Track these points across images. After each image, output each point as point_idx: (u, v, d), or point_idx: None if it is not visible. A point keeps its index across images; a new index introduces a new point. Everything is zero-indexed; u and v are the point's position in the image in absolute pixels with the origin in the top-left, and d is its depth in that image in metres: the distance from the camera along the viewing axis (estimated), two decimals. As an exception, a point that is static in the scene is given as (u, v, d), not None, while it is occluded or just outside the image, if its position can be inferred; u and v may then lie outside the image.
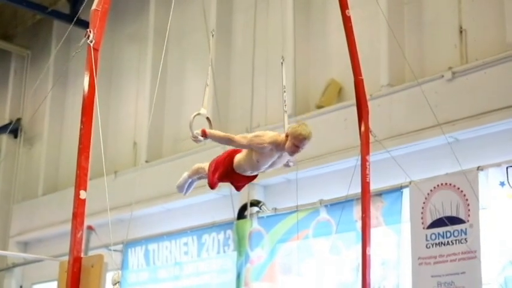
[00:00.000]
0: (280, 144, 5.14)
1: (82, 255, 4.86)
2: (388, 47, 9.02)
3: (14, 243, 14.27)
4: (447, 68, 8.41)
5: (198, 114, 5.37)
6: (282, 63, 6.09)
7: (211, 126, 5.44)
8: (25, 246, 14.28)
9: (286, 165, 5.57)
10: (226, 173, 5.43)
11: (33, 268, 13.66)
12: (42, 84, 14.15)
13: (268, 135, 5.17)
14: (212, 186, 5.53)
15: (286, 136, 5.12)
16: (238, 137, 5.23)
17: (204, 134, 5.18)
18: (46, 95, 13.45)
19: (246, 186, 5.94)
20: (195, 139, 5.21)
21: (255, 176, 5.61)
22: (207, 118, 5.48)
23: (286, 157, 5.34)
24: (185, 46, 12.30)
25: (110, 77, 13.38)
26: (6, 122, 15.04)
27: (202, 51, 11.38)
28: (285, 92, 5.98)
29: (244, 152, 5.35)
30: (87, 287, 4.69)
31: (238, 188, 5.79)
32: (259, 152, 5.20)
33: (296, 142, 5.07)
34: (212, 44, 5.52)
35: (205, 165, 5.60)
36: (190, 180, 5.79)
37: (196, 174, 5.74)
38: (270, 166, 5.38)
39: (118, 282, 4.62)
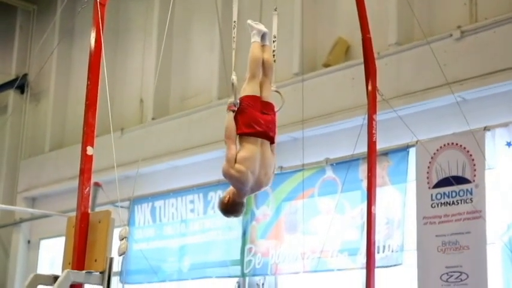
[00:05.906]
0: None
1: (89, 211, 4.91)
2: (397, 4, 8.92)
3: (22, 198, 14.35)
4: (456, 27, 8.33)
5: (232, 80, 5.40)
6: (275, 12, 6.06)
7: (233, 89, 5.43)
8: (33, 201, 14.38)
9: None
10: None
11: (41, 223, 13.77)
12: (48, 39, 14.05)
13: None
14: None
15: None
16: (230, 147, 5.60)
17: (230, 108, 5.33)
18: (52, 51, 13.37)
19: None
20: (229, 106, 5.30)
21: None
22: (232, 83, 5.47)
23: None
24: (192, 3, 12.19)
25: (116, 34, 13.29)
26: (13, 77, 14.98)
27: (208, 8, 11.28)
28: (274, 41, 6.07)
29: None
30: (94, 242, 4.74)
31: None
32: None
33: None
34: (235, 5, 5.48)
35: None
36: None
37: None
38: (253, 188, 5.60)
39: (125, 237, 4.66)
